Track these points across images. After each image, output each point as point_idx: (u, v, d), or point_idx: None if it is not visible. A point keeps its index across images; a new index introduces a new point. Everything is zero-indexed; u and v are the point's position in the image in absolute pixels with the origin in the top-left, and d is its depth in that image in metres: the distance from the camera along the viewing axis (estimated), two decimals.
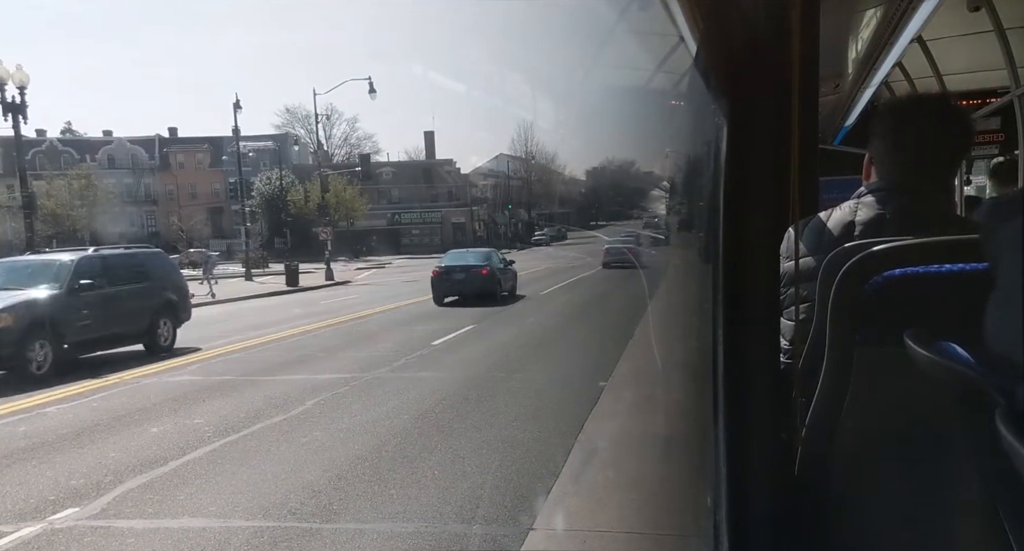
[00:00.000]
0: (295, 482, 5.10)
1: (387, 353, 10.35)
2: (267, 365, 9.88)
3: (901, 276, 1.04)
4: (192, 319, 12.61)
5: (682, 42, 1.68)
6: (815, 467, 1.14)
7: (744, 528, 1.19)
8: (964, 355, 0.78)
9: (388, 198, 60.67)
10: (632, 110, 5.53)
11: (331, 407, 7.33)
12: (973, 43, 5.06)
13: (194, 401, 7.82)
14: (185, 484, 5.17)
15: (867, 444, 1.10)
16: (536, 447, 5.72)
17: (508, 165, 63.65)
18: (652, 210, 32.92)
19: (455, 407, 7.12)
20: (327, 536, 4.18)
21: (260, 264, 36.44)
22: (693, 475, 2.06)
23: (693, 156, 2.40)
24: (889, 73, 5.64)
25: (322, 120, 45.09)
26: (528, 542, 3.82)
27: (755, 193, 1.29)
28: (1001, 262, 0.67)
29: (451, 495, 4.71)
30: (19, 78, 17.40)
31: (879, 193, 1.57)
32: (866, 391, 1.07)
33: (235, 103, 31.74)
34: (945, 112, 1.67)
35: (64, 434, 6.59)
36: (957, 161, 1.75)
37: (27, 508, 4.76)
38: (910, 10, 3.73)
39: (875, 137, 1.64)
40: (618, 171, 54.38)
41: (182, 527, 4.40)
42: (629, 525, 3.98)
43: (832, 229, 1.55)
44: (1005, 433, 0.60)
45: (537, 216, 65.28)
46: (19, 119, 17.46)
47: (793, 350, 1.39)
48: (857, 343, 1.07)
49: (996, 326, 0.67)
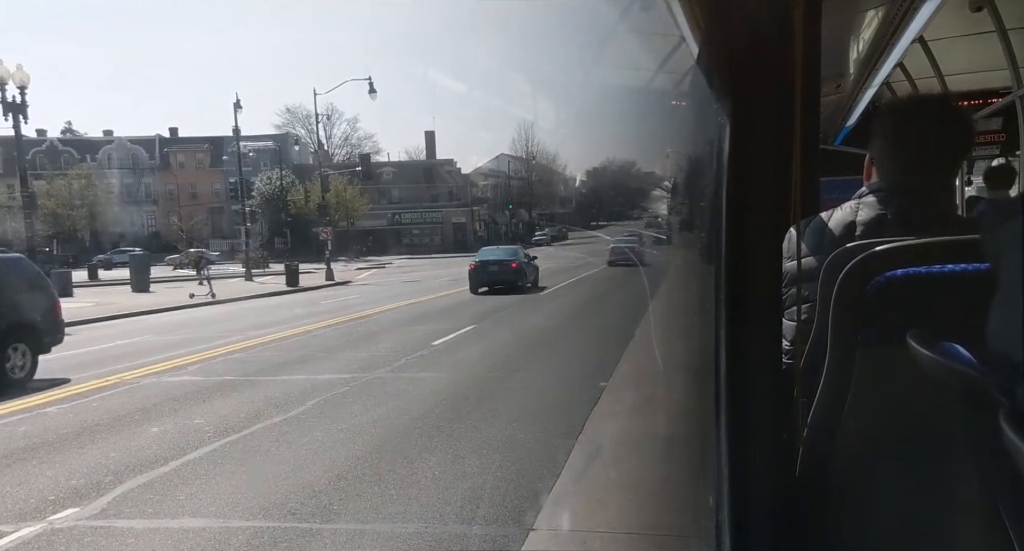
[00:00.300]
0: (295, 482, 5.10)
1: (387, 353, 10.35)
2: (267, 365, 9.88)
3: (903, 276, 1.04)
4: (191, 319, 12.61)
5: (684, 42, 1.68)
6: (816, 467, 1.14)
7: (745, 528, 1.19)
8: (966, 355, 0.78)
9: (389, 198, 60.69)
10: (633, 110, 5.54)
11: (331, 407, 7.33)
12: (975, 43, 5.06)
13: (194, 401, 7.82)
14: (185, 484, 5.17)
15: (869, 444, 1.10)
16: (537, 447, 5.71)
17: (509, 165, 63.68)
18: (653, 210, 33.08)
19: (455, 407, 7.11)
20: (327, 536, 4.18)
21: (260, 264, 36.46)
22: (694, 475, 2.06)
23: (694, 156, 2.39)
24: (890, 73, 5.63)
25: (322, 120, 45.20)
26: (528, 542, 3.82)
27: (757, 193, 1.29)
28: (1002, 262, 0.67)
29: (451, 495, 4.71)
30: (19, 78, 17.43)
31: (880, 193, 1.57)
32: (868, 391, 1.07)
33: (235, 103, 31.83)
34: (946, 112, 1.67)
35: (64, 434, 6.60)
36: (958, 161, 1.75)
37: (27, 508, 4.76)
38: (912, 10, 3.72)
39: (876, 137, 1.64)
40: (619, 171, 54.37)
41: (182, 527, 4.40)
42: (630, 525, 3.98)
43: (833, 229, 1.55)
44: (1008, 433, 0.60)
45: (538, 216, 65.29)
46: (19, 119, 17.48)
47: (794, 350, 1.39)
48: (859, 343, 1.07)
49: (998, 326, 0.67)
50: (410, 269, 36.68)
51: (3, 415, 7.40)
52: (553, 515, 4.24)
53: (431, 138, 66.06)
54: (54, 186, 48.15)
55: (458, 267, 34.82)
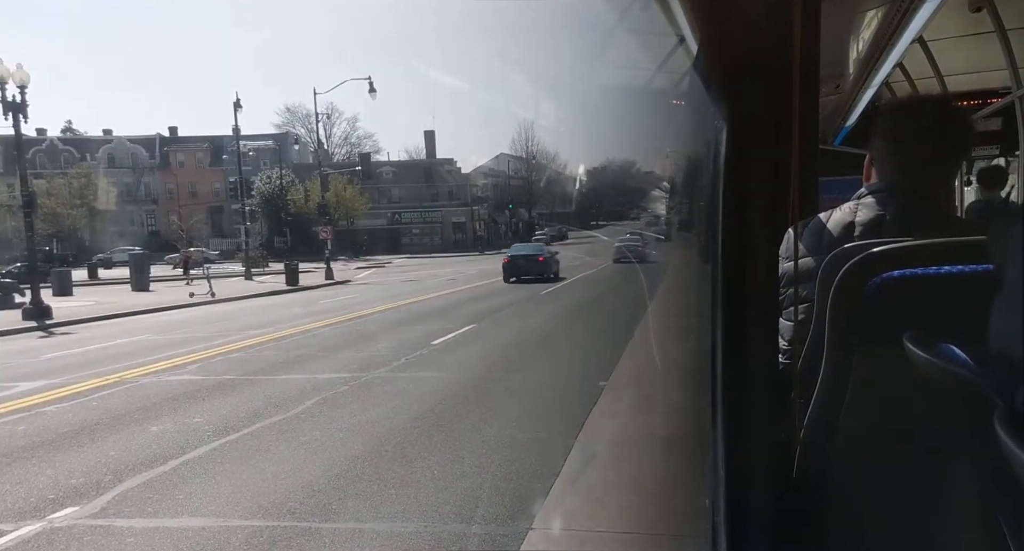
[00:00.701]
0: (294, 482, 5.10)
1: (386, 353, 10.35)
2: (267, 364, 9.88)
3: (901, 277, 1.03)
4: (191, 319, 12.61)
5: (683, 42, 1.67)
6: (813, 468, 1.14)
7: (741, 529, 1.19)
8: (963, 357, 0.78)
9: (388, 197, 60.67)
10: (633, 110, 5.53)
11: (330, 407, 7.32)
12: (974, 44, 5.05)
13: (194, 400, 7.82)
14: (184, 483, 5.17)
15: (865, 445, 1.10)
16: (535, 447, 5.71)
17: (509, 165, 63.67)
18: (652, 210, 33.32)
19: (454, 407, 7.11)
20: (325, 536, 4.18)
21: (260, 263, 36.47)
22: (692, 475, 2.05)
23: (693, 156, 2.39)
24: (890, 74, 5.62)
25: (322, 119, 45.16)
26: (527, 542, 3.81)
27: (755, 193, 1.29)
28: (1005, 263, 0.67)
29: (450, 495, 4.71)
30: (19, 77, 17.40)
31: (879, 194, 1.57)
32: (865, 392, 1.07)
33: (235, 102, 31.77)
34: (945, 113, 1.67)
35: (64, 433, 6.59)
36: (957, 162, 1.75)
37: (27, 507, 4.76)
38: (911, 11, 3.72)
39: (875, 138, 1.64)
40: (618, 171, 54.27)
41: (181, 526, 4.40)
42: (628, 526, 3.98)
43: (832, 230, 1.55)
44: (1003, 435, 0.60)
45: (538, 216, 65.27)
46: (19, 118, 17.47)
47: (792, 351, 1.39)
48: (856, 344, 1.07)
49: (999, 328, 0.66)
50: (410, 268, 36.67)
51: (3, 414, 7.39)
52: (551, 515, 4.24)
53: (431, 137, 66.05)
54: (54, 185, 48.12)
55: (457, 267, 34.90)
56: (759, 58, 1.26)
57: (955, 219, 1.61)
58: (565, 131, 65.14)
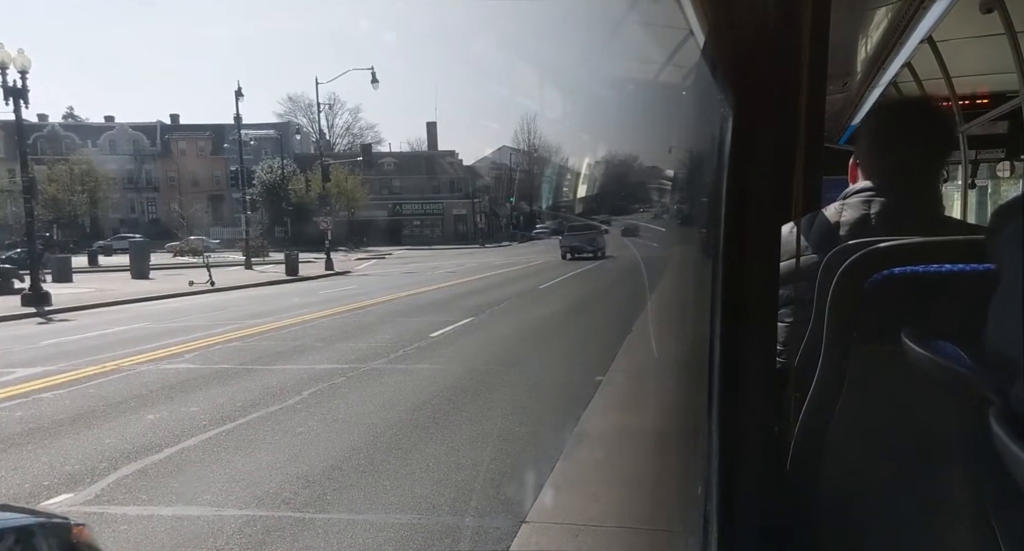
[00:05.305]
0: (289, 472, 5.10)
1: (385, 344, 10.35)
2: (264, 354, 9.89)
3: (900, 275, 1.03)
4: (190, 307, 12.63)
5: (691, 35, 1.66)
6: (806, 463, 1.14)
7: (733, 522, 1.19)
8: (960, 354, 0.78)
9: (390, 188, 60.62)
10: (637, 103, 5.50)
11: (327, 397, 7.33)
12: (984, 45, 5.02)
13: (190, 389, 7.83)
14: (179, 472, 5.17)
15: (860, 441, 1.10)
16: (531, 440, 5.72)
17: (511, 157, 63.57)
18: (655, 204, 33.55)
19: (451, 399, 7.12)
20: (320, 526, 4.19)
21: (260, 253, 36.45)
22: (687, 470, 2.06)
23: (697, 151, 2.38)
24: (898, 73, 5.59)
25: (324, 109, 44.99)
26: (521, 535, 3.82)
27: (757, 190, 1.28)
28: (1005, 262, 0.66)
29: (445, 487, 4.71)
30: (21, 62, 17.34)
31: (864, 194, 1.58)
32: (861, 388, 1.06)
33: (237, 91, 31.70)
34: (926, 115, 1.69)
35: (60, 420, 6.60)
36: (940, 162, 1.76)
37: (22, 493, 4.76)
38: (921, 10, 3.69)
39: (860, 139, 1.66)
40: (622, 164, 54.19)
41: (175, 515, 4.40)
42: (623, 519, 3.99)
43: (816, 230, 1.57)
44: (999, 432, 0.60)
45: (539, 208, 65.19)
46: (20, 103, 17.42)
47: (788, 347, 1.39)
48: (854, 340, 1.07)
49: (997, 325, 0.66)
50: (410, 260, 36.67)
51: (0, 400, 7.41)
52: (546, 508, 4.25)
53: (433, 129, 65.96)
54: (55, 171, 48.07)
55: (458, 259, 34.90)
56: (767, 53, 1.24)
57: (941, 218, 1.61)
58: (570, 123, 64.96)
